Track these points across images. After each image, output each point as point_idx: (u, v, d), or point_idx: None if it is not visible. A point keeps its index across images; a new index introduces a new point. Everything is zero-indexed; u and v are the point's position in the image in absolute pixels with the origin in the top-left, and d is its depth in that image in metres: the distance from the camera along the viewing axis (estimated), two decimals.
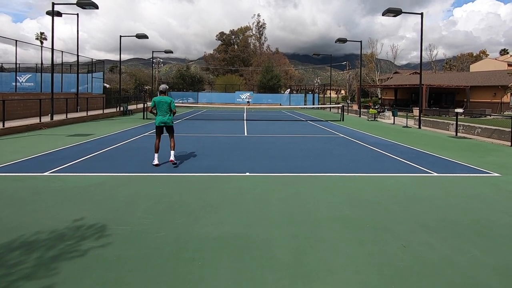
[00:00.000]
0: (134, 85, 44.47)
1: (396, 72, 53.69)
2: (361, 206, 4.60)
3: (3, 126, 11.51)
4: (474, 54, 60.46)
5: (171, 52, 35.55)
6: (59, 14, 19.29)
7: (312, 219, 4.08)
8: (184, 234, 3.59)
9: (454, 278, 2.80)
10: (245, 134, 12.76)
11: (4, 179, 5.66)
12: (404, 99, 36.60)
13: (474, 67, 43.38)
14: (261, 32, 74.81)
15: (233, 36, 74.04)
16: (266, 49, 75.69)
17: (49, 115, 15.05)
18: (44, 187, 5.21)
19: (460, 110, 25.23)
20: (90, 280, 2.66)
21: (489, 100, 29.52)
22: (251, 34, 74.76)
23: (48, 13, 17.79)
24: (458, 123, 14.19)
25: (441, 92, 32.94)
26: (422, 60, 17.39)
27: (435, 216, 4.26)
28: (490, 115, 22.73)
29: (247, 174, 6.35)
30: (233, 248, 3.29)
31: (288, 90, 47.33)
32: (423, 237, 3.63)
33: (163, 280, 2.69)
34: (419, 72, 18.68)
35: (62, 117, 15.83)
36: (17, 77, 21.22)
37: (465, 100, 30.28)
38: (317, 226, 3.87)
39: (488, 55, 59.28)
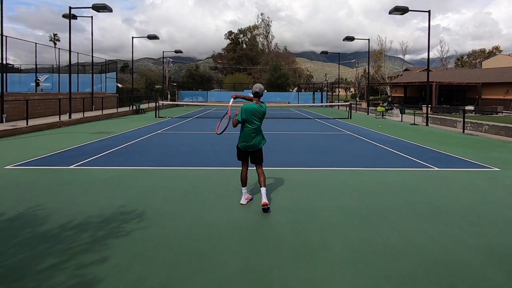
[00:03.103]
0: (145, 84, 45.46)
1: (406, 70, 53.14)
2: (361, 196, 4.94)
3: (27, 124, 12.25)
4: (487, 51, 59.16)
5: (181, 52, 36.23)
6: (74, 17, 20.08)
7: (315, 207, 4.46)
8: (199, 219, 4.02)
9: (439, 257, 3.14)
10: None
11: (35, 172, 6.24)
12: (414, 96, 36.34)
13: (487, 64, 42.59)
14: (267, 31, 75.05)
15: (241, 35, 74.49)
16: (274, 48, 75.86)
17: (68, 114, 15.81)
18: (71, 179, 5.74)
19: (471, 108, 25.06)
20: (124, 253, 3.12)
21: (502, 97, 29.06)
22: (259, 32, 75.04)
23: (64, 16, 18.59)
24: (466, 120, 14.24)
25: (452, 89, 32.60)
26: (434, 57, 17.42)
27: (430, 206, 4.57)
28: (502, 113, 22.47)
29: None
30: (243, 230, 3.71)
31: (296, 88, 47.47)
32: (416, 223, 3.97)
33: (182, 253, 3.13)
34: (429, 69, 18.70)
35: (79, 115, 16.58)
36: (36, 78, 22.18)
37: (477, 97, 29.92)
38: (319, 213, 4.25)
39: (502, 51, 57.92)
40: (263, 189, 4.33)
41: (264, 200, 4.22)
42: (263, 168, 4.51)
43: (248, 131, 4.29)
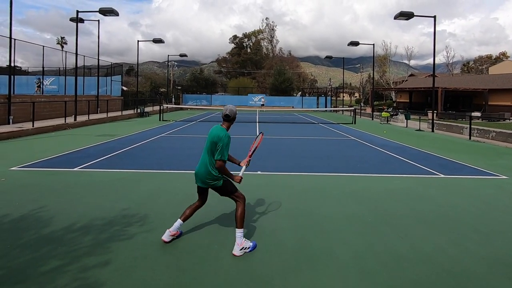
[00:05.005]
0: (150, 87, 45.83)
1: (411, 75, 52.94)
2: (365, 203, 4.89)
3: (33, 126, 12.39)
4: (494, 57, 58.75)
5: (186, 55, 36.51)
6: (81, 20, 20.38)
7: (318, 213, 4.42)
8: (201, 223, 4.01)
9: (445, 266, 3.09)
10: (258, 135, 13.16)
11: (40, 173, 6.28)
12: (419, 102, 36.10)
13: (493, 70, 42.26)
14: (272, 35, 75.54)
15: (246, 39, 74.98)
16: (279, 52, 76.24)
17: (73, 116, 15.96)
18: (75, 181, 5.77)
19: (477, 114, 24.81)
20: (126, 257, 3.11)
21: (509, 104, 28.74)
22: (264, 37, 75.52)
23: (72, 19, 18.87)
24: (473, 126, 14.09)
25: (458, 95, 32.34)
26: (440, 63, 17.35)
27: (435, 213, 4.51)
28: (509, 119, 22.23)
29: (259, 172, 6.73)
30: (245, 235, 3.67)
31: (300, 92, 47.53)
32: (421, 230, 3.91)
33: (184, 258, 3.11)
34: (435, 75, 18.61)
35: (84, 118, 16.73)
36: (42, 80, 22.48)
37: (483, 103, 29.62)
38: (322, 219, 4.21)
39: (509, 57, 57.47)
40: (236, 232, 3.27)
41: (235, 250, 3.20)
42: (241, 203, 3.36)
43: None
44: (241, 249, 3.23)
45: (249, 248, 3.27)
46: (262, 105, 38.17)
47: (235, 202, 3.44)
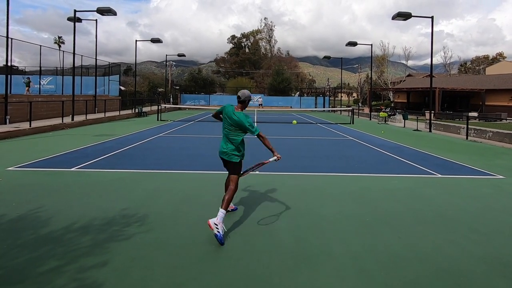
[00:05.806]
0: (148, 87, 45.73)
1: (409, 75, 53.12)
2: (363, 203, 4.90)
3: (30, 126, 12.32)
4: (491, 57, 59.10)
5: (184, 55, 36.44)
6: (79, 20, 20.30)
7: (316, 213, 4.43)
8: (200, 223, 3.99)
9: (443, 265, 3.10)
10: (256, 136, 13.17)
11: (37, 174, 6.25)
12: (417, 102, 36.25)
13: (490, 70, 42.51)
14: (270, 35, 75.66)
15: (244, 39, 75.02)
16: (277, 52, 76.33)
17: (70, 116, 15.90)
18: (73, 181, 5.75)
19: (474, 114, 24.98)
20: (124, 257, 3.10)
21: (506, 104, 28.92)
22: (262, 37, 75.59)
23: (69, 19, 18.79)
24: (470, 127, 14.17)
25: (455, 96, 32.50)
26: (437, 63, 17.42)
27: (433, 213, 4.53)
28: (506, 119, 22.38)
29: (257, 172, 6.73)
30: (243, 235, 3.69)
31: (298, 93, 47.60)
32: (419, 230, 3.93)
33: (183, 257, 3.11)
34: (432, 75, 18.69)
35: (82, 118, 16.66)
36: (39, 80, 22.36)
37: (480, 103, 29.80)
38: (321, 219, 4.22)
39: (506, 57, 57.83)
40: (220, 210, 3.51)
41: (210, 220, 3.45)
42: (236, 182, 3.76)
43: (223, 135, 3.92)
44: (215, 225, 3.42)
45: (218, 233, 3.39)
46: (260, 105, 38.18)
47: (230, 178, 3.89)
